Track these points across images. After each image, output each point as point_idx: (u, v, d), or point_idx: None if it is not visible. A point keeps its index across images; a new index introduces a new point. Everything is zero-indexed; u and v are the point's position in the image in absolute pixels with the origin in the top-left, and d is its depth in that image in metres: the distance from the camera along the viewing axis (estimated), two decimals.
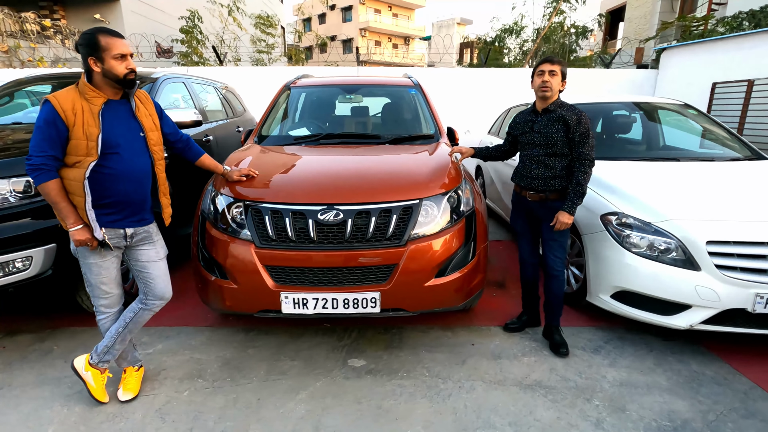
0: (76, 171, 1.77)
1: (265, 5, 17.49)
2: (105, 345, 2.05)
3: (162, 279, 2.08)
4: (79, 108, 1.76)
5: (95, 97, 1.81)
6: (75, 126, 1.74)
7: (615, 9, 18.85)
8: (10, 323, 2.88)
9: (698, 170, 3.08)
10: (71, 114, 1.74)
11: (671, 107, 4.02)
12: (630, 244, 2.54)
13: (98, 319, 2.07)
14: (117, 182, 1.85)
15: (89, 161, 1.77)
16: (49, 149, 1.72)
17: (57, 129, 1.72)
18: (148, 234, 2.04)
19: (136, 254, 2.03)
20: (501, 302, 3.21)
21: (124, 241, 1.95)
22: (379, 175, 2.56)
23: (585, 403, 2.12)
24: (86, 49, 1.77)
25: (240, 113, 5.60)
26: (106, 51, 1.76)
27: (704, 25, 10.23)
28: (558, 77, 2.37)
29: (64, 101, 1.75)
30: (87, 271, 1.95)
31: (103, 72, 1.78)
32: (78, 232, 1.81)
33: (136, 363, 2.23)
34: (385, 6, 39.36)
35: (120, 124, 1.87)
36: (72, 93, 1.79)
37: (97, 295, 2.00)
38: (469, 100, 7.53)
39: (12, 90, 3.81)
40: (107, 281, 1.99)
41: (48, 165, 1.73)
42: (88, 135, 1.76)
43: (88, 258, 1.92)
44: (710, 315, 2.34)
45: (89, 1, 11.67)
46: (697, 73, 6.54)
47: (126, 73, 1.81)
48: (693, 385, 2.27)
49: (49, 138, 1.72)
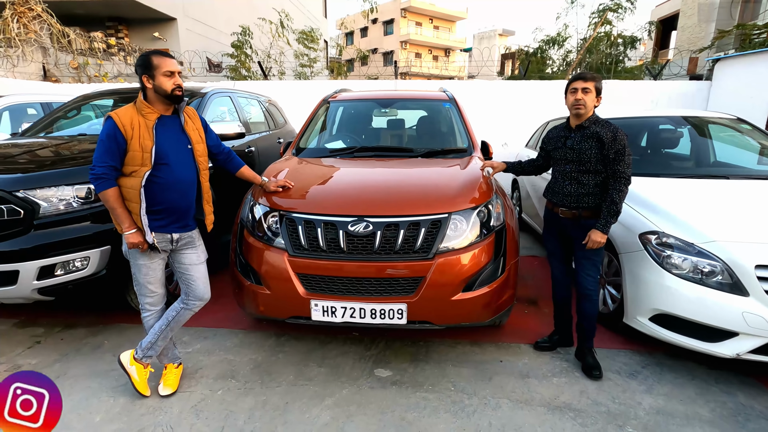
0: (133, 180, 1.97)
1: (309, 20, 18.19)
2: (149, 341, 2.21)
3: (202, 281, 2.24)
4: (136, 123, 1.96)
5: (150, 113, 2.01)
6: (132, 139, 1.94)
7: (667, 17, 18.04)
8: (67, 317, 3.14)
9: (750, 189, 2.89)
10: (129, 129, 1.94)
11: (723, 122, 3.81)
12: (671, 265, 2.43)
13: (143, 316, 2.24)
14: (166, 191, 2.04)
15: (145, 170, 1.96)
16: (110, 160, 1.93)
17: (117, 142, 1.93)
18: (192, 239, 2.22)
19: (180, 257, 2.20)
20: (532, 320, 3.14)
21: (171, 245, 2.13)
22: (409, 188, 2.60)
23: (617, 430, 2.04)
24: (141, 68, 1.99)
25: (281, 125, 5.84)
26: (157, 69, 1.96)
27: (766, 32, 9.59)
28: (592, 94, 2.32)
29: (123, 117, 1.96)
30: (136, 271, 2.14)
31: (154, 88, 1.99)
32: (132, 235, 2.00)
33: (176, 360, 2.37)
34: (426, 19, 39.71)
35: (170, 137, 2.06)
36: (131, 110, 2.00)
37: (143, 293, 2.18)
38: (507, 112, 7.44)
39: (79, 104, 4.19)
40: (153, 281, 2.17)
41: (108, 174, 1.94)
42: (143, 147, 1.96)
43: (138, 259, 2.11)
44: (760, 344, 2.19)
45: (150, 21, 12.60)
46: (756, 85, 6.14)
47: (173, 89, 2.00)
48: (738, 419, 2.12)
49: (110, 150, 1.93)
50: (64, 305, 3.30)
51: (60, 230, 2.53)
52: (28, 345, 2.77)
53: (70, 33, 9.41)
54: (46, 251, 2.48)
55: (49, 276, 2.52)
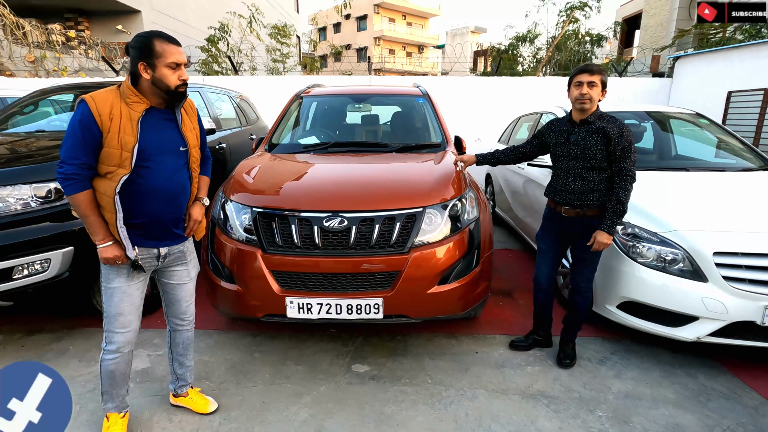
0: (107, 183, 1.59)
1: (280, 15, 17.88)
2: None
3: (185, 300, 1.97)
4: (117, 112, 1.58)
5: (137, 102, 1.62)
6: (110, 132, 1.56)
7: (631, 17, 18.68)
8: (29, 323, 2.99)
9: (708, 180, 3.04)
10: (107, 118, 1.56)
11: (683, 117, 3.98)
12: (636, 254, 2.53)
13: (105, 359, 1.78)
14: (148, 200, 1.67)
15: (121, 174, 1.59)
16: (82, 156, 1.56)
17: (92, 133, 1.55)
18: (182, 254, 1.88)
19: (167, 274, 1.88)
20: (507, 311, 3.20)
21: (156, 261, 1.79)
22: (383, 183, 2.60)
23: (588, 414, 2.11)
24: (138, 52, 1.59)
25: (253, 121, 5.73)
26: (160, 58, 1.59)
27: (722, 32, 10.08)
28: (598, 88, 2.21)
29: (101, 103, 1.56)
30: (107, 298, 1.73)
31: (152, 80, 1.61)
32: (107, 249, 1.63)
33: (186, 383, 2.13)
34: (399, 15, 39.71)
35: (159, 134, 1.68)
36: (111, 95, 1.60)
37: (112, 328, 1.75)
38: (480, 108, 7.55)
39: (37, 99, 3.98)
40: (128, 311, 1.75)
41: (80, 174, 1.56)
42: (123, 144, 1.58)
43: (112, 281, 1.71)
44: (718, 327, 2.31)
45: (112, 14, 12.10)
46: (713, 81, 6.45)
47: (178, 85, 1.64)
48: (701, 398, 2.23)
49: (83, 143, 1.55)
50: (24, 310, 3.14)
51: (18, 231, 2.40)
52: None
53: (25, 25, 8.94)
54: (3, 253, 2.35)
55: (6, 279, 2.38)
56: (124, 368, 1.85)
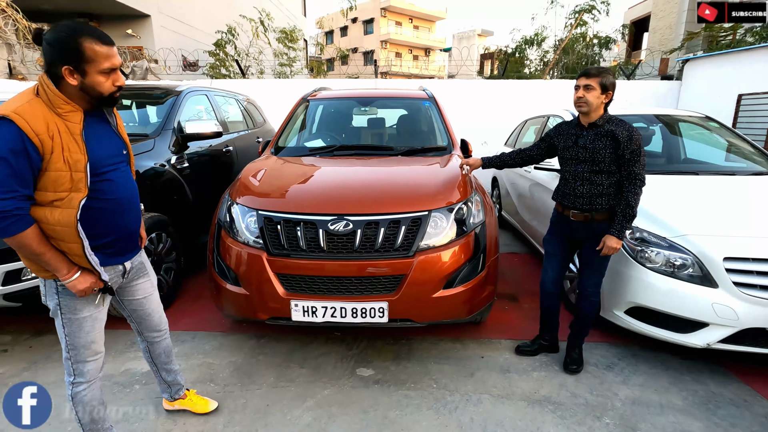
0: (59, 213, 1.34)
1: (288, 18, 18.01)
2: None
3: (156, 311, 1.85)
4: (54, 129, 1.31)
5: (71, 111, 1.36)
6: (54, 153, 1.30)
7: (639, 19, 18.57)
8: (36, 324, 3.02)
9: (718, 184, 3.00)
10: (47, 137, 1.29)
11: (692, 120, 3.94)
12: (645, 259, 2.50)
13: (76, 392, 1.60)
14: (116, 214, 1.51)
15: (77, 198, 1.35)
16: (19, 187, 1.28)
17: (29, 159, 1.27)
18: (142, 264, 1.75)
19: (132, 291, 1.73)
20: (513, 316, 3.18)
21: (121, 278, 1.64)
22: (389, 186, 2.60)
23: (595, 421, 2.08)
24: (61, 55, 1.31)
25: (260, 124, 5.76)
26: (92, 63, 1.33)
27: (732, 35, 9.98)
28: (596, 91, 2.21)
29: (33, 120, 1.27)
30: (74, 330, 1.52)
31: (80, 86, 1.35)
32: (79, 280, 1.42)
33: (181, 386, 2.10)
34: (406, 18, 39.81)
35: (103, 141, 1.48)
36: (39, 108, 1.31)
37: (83, 358, 1.57)
38: (486, 111, 7.53)
39: None
40: (98, 337, 1.60)
41: (22, 208, 1.30)
42: (71, 164, 1.33)
43: (80, 312, 1.51)
44: (728, 334, 2.27)
45: (122, 18, 12.26)
46: (723, 84, 6.38)
47: (113, 92, 1.42)
48: (710, 406, 2.20)
49: (20, 172, 1.27)
50: (33, 311, 3.17)
51: None
52: None
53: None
54: (12, 255, 2.37)
55: (15, 281, 2.41)
56: (99, 394, 1.68)
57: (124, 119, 3.96)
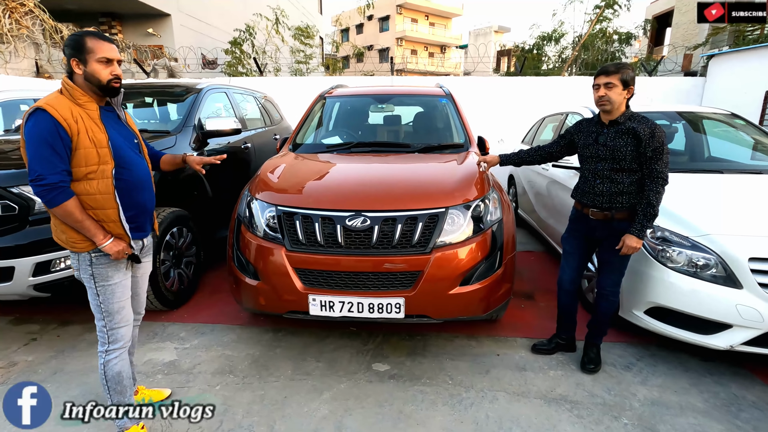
0: (95, 183, 1.63)
1: (304, 16, 18.10)
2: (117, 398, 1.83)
3: (143, 294, 2.01)
4: (77, 115, 1.60)
5: (88, 101, 1.65)
6: (80, 134, 1.58)
7: (662, 14, 18.10)
8: (63, 314, 3.13)
9: (743, 183, 2.92)
10: (73, 122, 1.57)
11: (717, 117, 3.84)
12: (666, 258, 2.45)
13: (108, 359, 1.79)
14: (137, 190, 1.76)
15: (108, 169, 1.64)
16: (61, 164, 1.56)
17: (62, 140, 1.55)
18: (150, 244, 1.95)
19: (137, 268, 1.91)
20: (529, 314, 3.16)
21: (140, 252, 1.86)
22: (406, 183, 2.61)
23: (612, 421, 2.06)
24: (71, 50, 1.61)
25: (277, 121, 5.82)
26: (91, 53, 1.60)
27: (760, 29, 9.65)
28: (617, 88, 2.16)
29: (61, 108, 1.56)
30: (108, 297, 1.74)
31: (84, 75, 1.62)
32: (113, 244, 1.67)
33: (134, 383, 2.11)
34: (422, 15, 39.62)
35: (117, 131, 1.74)
36: (63, 100, 1.61)
37: (116, 324, 1.78)
38: (503, 108, 7.46)
39: None
40: (127, 304, 1.81)
41: (66, 181, 1.57)
42: (96, 142, 1.61)
43: (112, 278, 1.73)
44: (753, 336, 2.21)
45: (143, 17, 12.50)
46: (749, 80, 6.18)
47: (110, 80, 1.65)
48: (732, 408, 2.15)
49: (58, 152, 1.55)
50: (60, 302, 3.28)
51: None
52: (24, 342, 2.76)
53: (63, 29, 9.31)
54: (42, 247, 2.46)
55: (44, 272, 2.51)
56: (128, 366, 1.87)
57: (146, 116, 4.05)
